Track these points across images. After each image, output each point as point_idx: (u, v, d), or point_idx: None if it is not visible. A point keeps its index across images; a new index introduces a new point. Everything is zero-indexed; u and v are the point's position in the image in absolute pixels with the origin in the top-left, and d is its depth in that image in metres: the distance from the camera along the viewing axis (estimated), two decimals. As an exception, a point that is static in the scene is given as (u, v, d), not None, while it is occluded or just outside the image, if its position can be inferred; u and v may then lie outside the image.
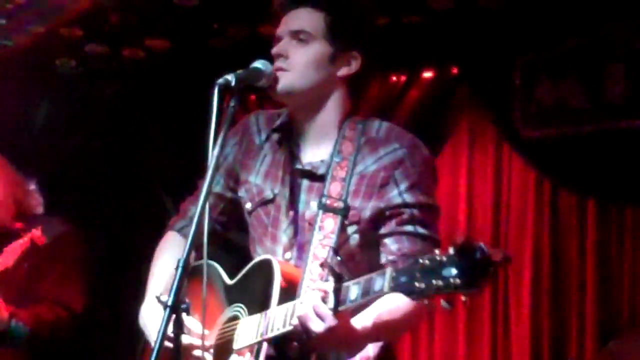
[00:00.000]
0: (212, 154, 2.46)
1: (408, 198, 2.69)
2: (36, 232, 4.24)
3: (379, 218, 2.70)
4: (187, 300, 2.30)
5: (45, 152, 5.84)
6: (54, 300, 4.25)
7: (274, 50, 2.75)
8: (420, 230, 2.68)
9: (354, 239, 2.72)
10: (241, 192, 2.90)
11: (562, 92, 4.99)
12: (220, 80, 2.53)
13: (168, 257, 2.91)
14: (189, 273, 2.32)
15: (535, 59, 5.06)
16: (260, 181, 2.85)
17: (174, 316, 2.27)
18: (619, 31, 4.82)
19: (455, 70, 5.35)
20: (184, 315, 2.30)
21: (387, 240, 2.70)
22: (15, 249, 4.23)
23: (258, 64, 2.70)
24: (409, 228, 2.68)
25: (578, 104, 4.94)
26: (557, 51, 4.99)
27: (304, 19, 2.75)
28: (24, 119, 5.93)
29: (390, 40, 5.17)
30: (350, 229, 2.71)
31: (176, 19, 5.42)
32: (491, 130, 5.46)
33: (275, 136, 2.87)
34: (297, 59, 2.73)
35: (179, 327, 2.30)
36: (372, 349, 2.75)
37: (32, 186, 4.56)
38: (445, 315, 5.57)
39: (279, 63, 2.74)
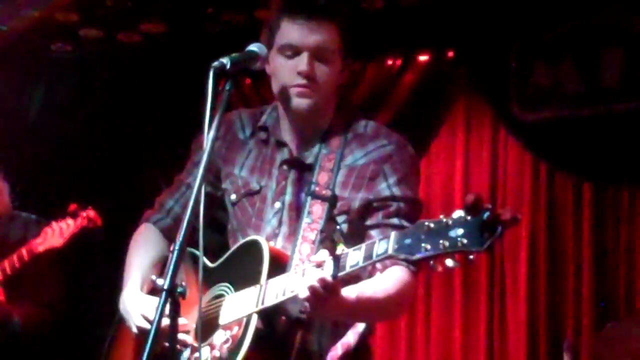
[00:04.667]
0: (208, 137, 2.46)
1: (396, 191, 2.75)
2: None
3: (367, 209, 2.76)
4: (183, 284, 2.30)
5: (40, 136, 5.83)
6: (37, 301, 4.23)
7: (302, 69, 2.72)
8: (405, 223, 2.71)
9: (343, 228, 2.76)
10: (225, 185, 2.92)
11: (558, 75, 4.99)
12: (216, 64, 2.53)
13: (144, 249, 2.94)
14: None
15: (532, 43, 5.06)
16: (245, 174, 2.89)
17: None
18: (615, 15, 4.82)
19: (451, 54, 5.34)
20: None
21: (373, 232, 2.74)
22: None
23: (253, 47, 2.70)
24: (394, 221, 2.73)
25: (574, 88, 4.94)
26: (554, 35, 4.99)
27: (325, 34, 2.75)
28: (20, 104, 5.92)
29: (386, 23, 5.17)
30: (340, 219, 2.75)
31: (171, 2, 5.41)
32: (487, 114, 5.47)
33: (262, 135, 2.90)
34: (323, 81, 2.76)
35: (176, 309, 2.30)
36: (352, 336, 2.79)
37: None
38: (441, 295, 5.60)
39: (304, 81, 2.73)
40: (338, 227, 2.75)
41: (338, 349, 2.77)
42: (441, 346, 5.62)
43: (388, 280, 2.62)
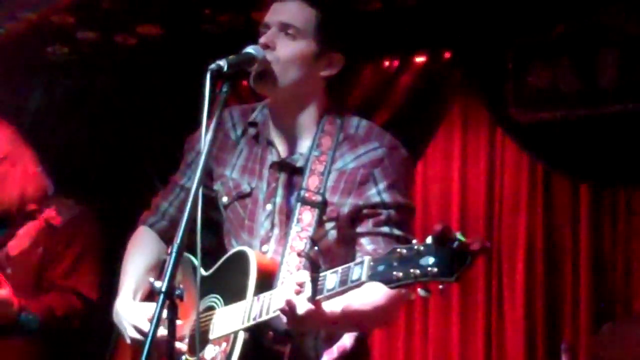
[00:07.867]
0: (205, 139, 2.46)
1: (386, 197, 2.72)
2: (50, 213, 4.14)
3: (357, 216, 2.74)
4: (181, 286, 2.30)
5: (38, 138, 5.82)
6: (68, 288, 4.13)
7: (262, 40, 2.76)
8: (396, 231, 2.72)
9: (332, 234, 2.76)
10: (216, 186, 2.91)
11: (555, 76, 4.99)
12: (212, 66, 2.54)
13: (140, 253, 2.96)
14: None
15: (528, 43, 5.05)
16: (237, 175, 2.88)
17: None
18: (612, 16, 4.82)
19: (448, 55, 5.33)
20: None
21: (363, 240, 2.73)
22: (30, 230, 4.12)
23: (250, 49, 2.70)
24: (385, 229, 2.72)
25: (571, 88, 4.94)
26: (550, 35, 4.98)
27: (296, 12, 2.76)
28: (17, 106, 5.91)
29: (382, 24, 5.17)
30: (329, 225, 2.75)
31: (167, 4, 5.41)
32: (484, 115, 5.46)
33: (252, 131, 2.89)
34: (283, 52, 2.74)
35: (173, 312, 2.30)
36: (348, 339, 2.79)
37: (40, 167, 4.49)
38: (439, 299, 5.59)
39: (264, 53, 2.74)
40: (327, 234, 2.75)
41: (334, 352, 2.77)
42: (439, 347, 5.62)
43: (376, 292, 2.56)
